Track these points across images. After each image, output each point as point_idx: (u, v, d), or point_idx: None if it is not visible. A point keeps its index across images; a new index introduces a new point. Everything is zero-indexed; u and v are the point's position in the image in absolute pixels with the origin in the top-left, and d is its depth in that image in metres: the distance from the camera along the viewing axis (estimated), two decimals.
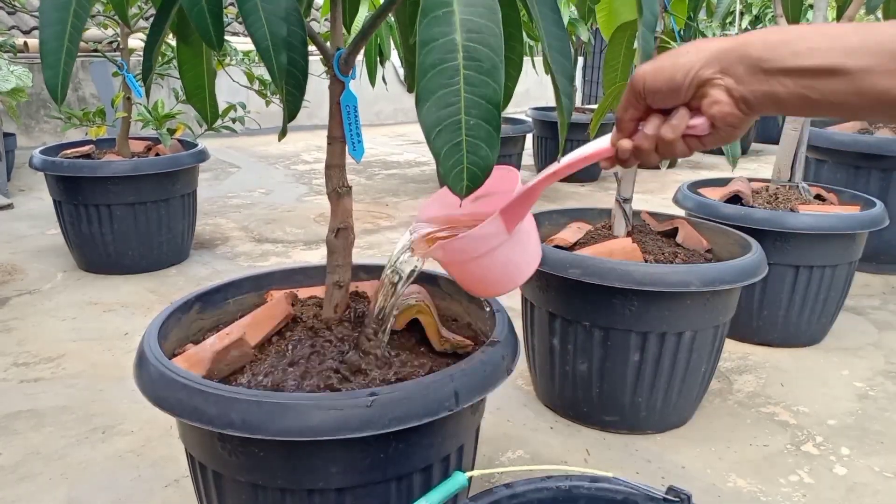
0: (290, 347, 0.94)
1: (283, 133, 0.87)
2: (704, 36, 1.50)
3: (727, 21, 4.65)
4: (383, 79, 3.46)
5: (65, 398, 1.52)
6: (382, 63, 2.89)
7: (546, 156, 4.03)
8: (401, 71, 6.02)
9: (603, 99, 1.44)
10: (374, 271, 1.15)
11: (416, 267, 0.84)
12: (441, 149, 0.60)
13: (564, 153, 0.70)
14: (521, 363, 1.57)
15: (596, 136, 0.76)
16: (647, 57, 0.64)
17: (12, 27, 4.43)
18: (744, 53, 0.52)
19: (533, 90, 6.88)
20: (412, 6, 0.91)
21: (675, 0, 1.47)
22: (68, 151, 2.41)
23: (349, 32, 1.08)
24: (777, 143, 2.00)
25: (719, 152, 4.83)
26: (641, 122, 0.61)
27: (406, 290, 0.88)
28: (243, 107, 2.34)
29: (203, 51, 0.91)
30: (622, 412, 1.39)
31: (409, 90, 0.98)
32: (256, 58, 2.59)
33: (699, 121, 0.57)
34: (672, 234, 1.54)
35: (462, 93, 0.59)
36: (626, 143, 0.62)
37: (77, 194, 2.19)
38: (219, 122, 2.24)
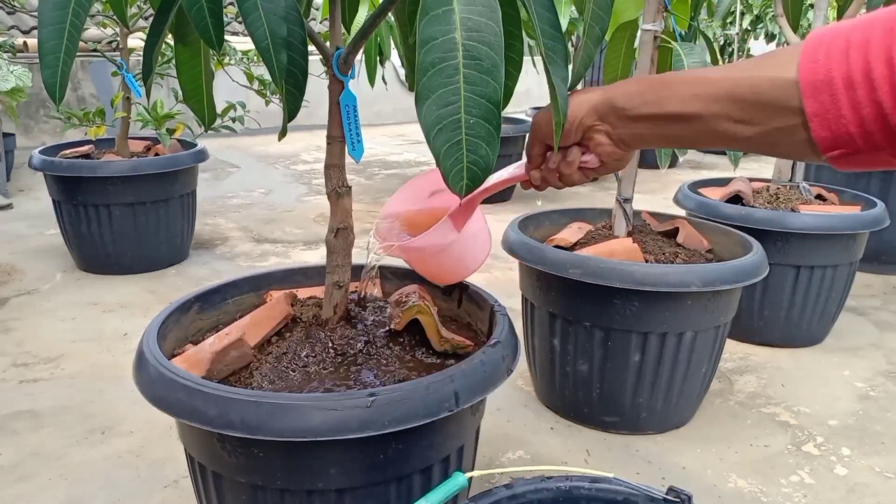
0: (289, 348, 0.94)
1: (283, 133, 0.87)
2: (706, 36, 1.50)
3: (728, 21, 4.65)
4: (383, 78, 3.46)
5: (64, 398, 1.52)
6: (382, 63, 2.89)
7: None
8: (401, 71, 6.01)
9: None
10: None
11: (378, 261, 0.96)
12: (441, 148, 0.60)
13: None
14: (522, 364, 1.57)
15: None
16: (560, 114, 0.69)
17: (11, 27, 4.43)
18: (612, 105, 0.64)
19: (533, 90, 6.86)
20: (412, 5, 0.91)
21: (676, 0, 1.46)
22: (67, 151, 2.41)
23: (349, 32, 1.07)
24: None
25: (721, 152, 4.83)
26: (549, 154, 0.73)
27: (374, 277, 1.04)
28: (243, 106, 2.34)
29: (201, 51, 0.90)
30: (623, 413, 1.39)
31: (410, 89, 1.00)
32: (255, 57, 2.59)
33: (590, 157, 0.70)
34: (673, 234, 1.54)
35: (462, 91, 0.58)
36: (536, 174, 0.75)
37: (76, 194, 2.19)
38: (218, 121, 2.24)
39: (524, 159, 0.78)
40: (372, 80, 2.80)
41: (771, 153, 0.57)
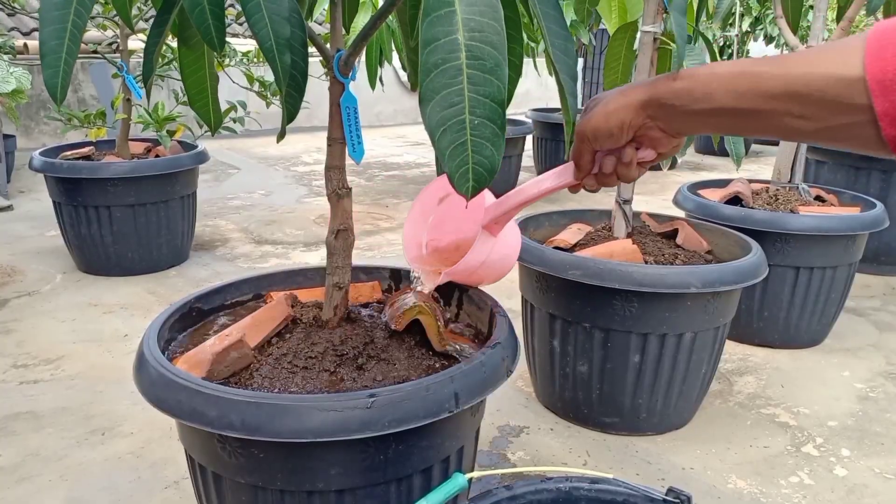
0: (289, 349, 0.94)
1: (281, 135, 0.87)
2: (705, 37, 1.50)
3: (728, 22, 4.65)
4: (380, 79, 3.47)
5: (64, 400, 1.52)
6: (382, 65, 2.89)
7: (546, 157, 4.03)
8: (401, 73, 6.02)
9: None
10: (373, 273, 1.15)
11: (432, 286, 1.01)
12: (446, 149, 0.59)
13: (567, 153, 0.78)
14: (521, 365, 1.57)
15: None
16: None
17: (12, 29, 4.43)
18: (661, 103, 0.64)
19: (533, 91, 6.88)
20: (413, 9, 0.91)
21: None
22: (68, 153, 2.41)
23: (348, 34, 1.08)
24: (777, 144, 2.00)
25: (722, 153, 4.84)
26: (598, 156, 0.73)
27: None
28: (244, 107, 2.34)
29: (205, 54, 0.90)
30: (622, 413, 1.39)
31: (413, 89, 1.01)
32: (256, 58, 2.59)
33: (646, 152, 0.70)
34: (672, 235, 1.54)
35: (466, 92, 0.58)
36: (590, 180, 0.75)
37: (77, 196, 2.19)
38: None
39: (564, 167, 0.76)
40: (372, 83, 2.80)
41: (836, 146, 0.56)
